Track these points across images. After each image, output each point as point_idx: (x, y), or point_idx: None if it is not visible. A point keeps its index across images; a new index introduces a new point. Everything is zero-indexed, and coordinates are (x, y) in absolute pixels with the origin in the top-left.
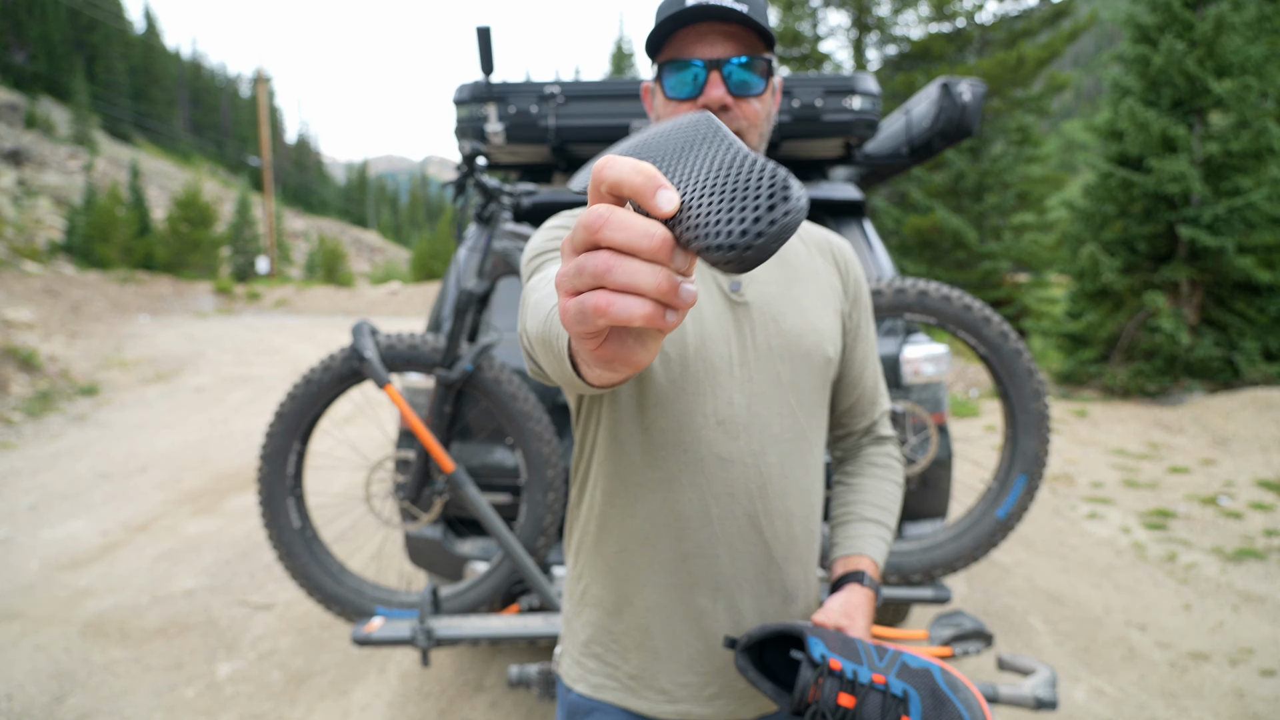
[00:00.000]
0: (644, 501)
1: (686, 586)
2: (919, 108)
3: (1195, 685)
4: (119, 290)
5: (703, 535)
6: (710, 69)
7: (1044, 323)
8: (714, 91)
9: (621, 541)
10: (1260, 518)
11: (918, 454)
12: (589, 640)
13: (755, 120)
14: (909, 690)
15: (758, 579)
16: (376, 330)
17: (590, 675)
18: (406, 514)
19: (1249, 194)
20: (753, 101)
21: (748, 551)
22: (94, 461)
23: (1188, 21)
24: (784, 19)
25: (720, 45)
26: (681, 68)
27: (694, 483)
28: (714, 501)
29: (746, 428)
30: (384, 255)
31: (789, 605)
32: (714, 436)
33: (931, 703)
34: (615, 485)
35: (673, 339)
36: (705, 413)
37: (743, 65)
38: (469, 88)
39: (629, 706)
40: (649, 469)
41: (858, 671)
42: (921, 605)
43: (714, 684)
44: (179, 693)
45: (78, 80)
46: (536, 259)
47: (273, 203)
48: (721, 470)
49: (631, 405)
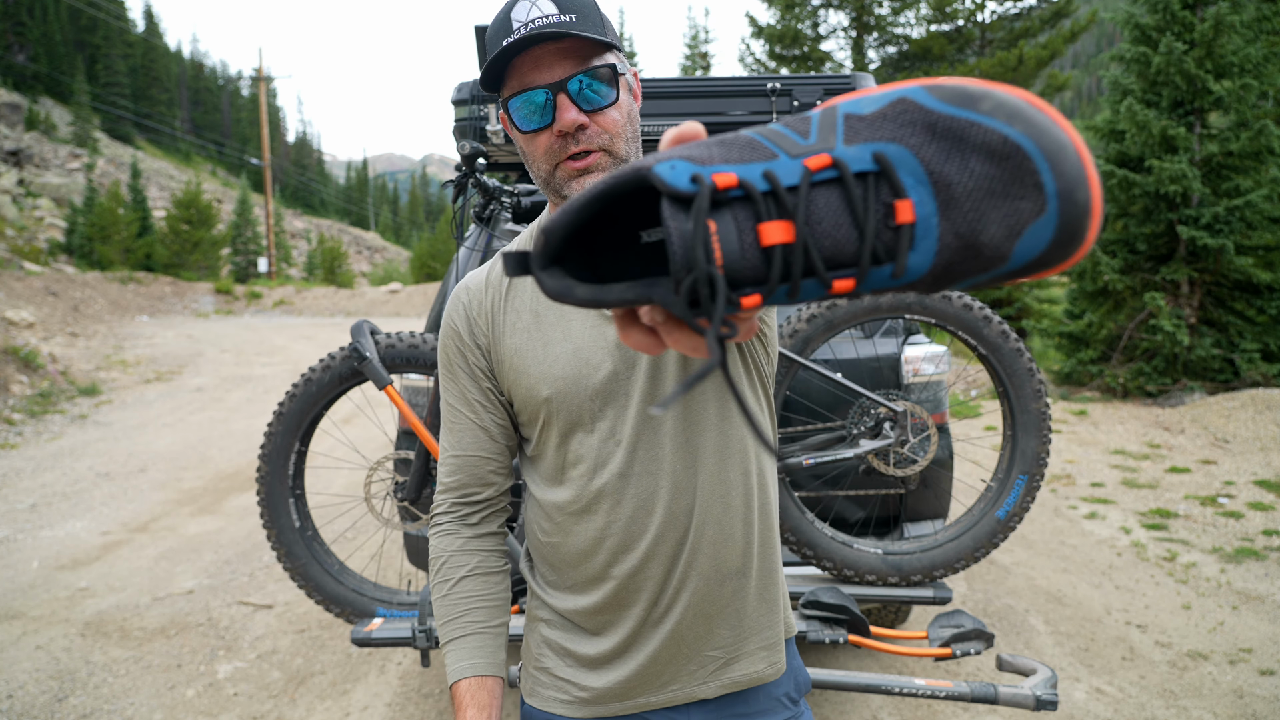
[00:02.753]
0: (576, 527)
1: (624, 602)
2: None
3: (1195, 685)
4: (119, 290)
5: (627, 552)
6: (555, 92)
7: (1044, 323)
8: (566, 115)
9: (561, 562)
10: (1260, 518)
11: (918, 454)
12: (537, 656)
13: (616, 129)
14: (884, 150)
15: (689, 574)
16: (376, 330)
17: (541, 689)
18: (406, 514)
19: (1249, 194)
20: (609, 112)
21: (672, 554)
22: (94, 461)
23: (1187, 22)
24: (784, 19)
25: (558, 66)
26: (527, 99)
27: (608, 506)
28: (631, 518)
29: (645, 441)
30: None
31: (730, 582)
32: (615, 457)
33: (934, 145)
34: (545, 519)
35: (548, 375)
36: (601, 437)
37: (586, 80)
38: (468, 87)
39: (578, 716)
40: (572, 501)
41: (773, 171)
42: (921, 605)
43: (665, 673)
44: (179, 693)
45: (78, 80)
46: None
47: (273, 203)
48: (631, 487)
49: (535, 451)
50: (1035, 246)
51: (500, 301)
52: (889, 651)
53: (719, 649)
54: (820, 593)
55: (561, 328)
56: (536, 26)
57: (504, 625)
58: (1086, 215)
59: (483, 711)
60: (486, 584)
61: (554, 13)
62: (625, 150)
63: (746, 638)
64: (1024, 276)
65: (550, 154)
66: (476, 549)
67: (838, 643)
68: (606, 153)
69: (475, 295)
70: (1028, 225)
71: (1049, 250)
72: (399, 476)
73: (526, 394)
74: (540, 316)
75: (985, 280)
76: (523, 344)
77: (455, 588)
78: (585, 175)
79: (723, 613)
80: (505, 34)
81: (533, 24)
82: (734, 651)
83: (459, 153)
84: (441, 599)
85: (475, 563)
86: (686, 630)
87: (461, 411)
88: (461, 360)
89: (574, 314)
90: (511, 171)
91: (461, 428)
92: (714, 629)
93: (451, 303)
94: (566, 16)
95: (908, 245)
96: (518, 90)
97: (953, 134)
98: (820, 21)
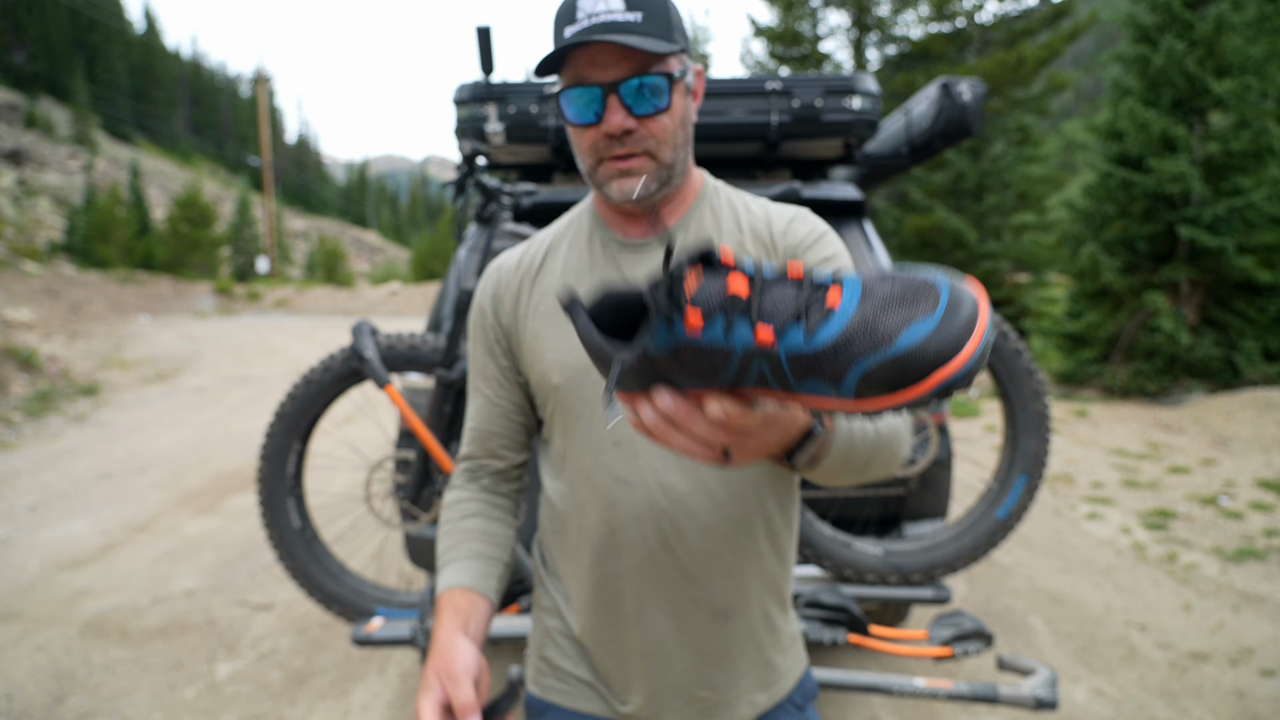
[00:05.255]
0: (570, 525)
1: (609, 610)
2: (919, 108)
3: (1195, 685)
4: (119, 290)
5: (614, 559)
6: (607, 93)
7: (1044, 323)
8: (614, 118)
9: (558, 559)
10: (1260, 518)
11: (918, 454)
12: (541, 643)
13: (664, 135)
14: (842, 274)
15: (679, 599)
16: (376, 330)
17: (542, 678)
18: (406, 514)
19: (1249, 194)
20: (659, 118)
21: (660, 573)
22: (94, 461)
23: (1188, 21)
24: (784, 19)
25: (614, 66)
26: (579, 94)
27: (599, 507)
28: (620, 526)
29: (646, 447)
30: (384, 255)
31: (724, 623)
32: (612, 459)
33: (877, 277)
34: (550, 508)
35: (561, 364)
36: (602, 435)
37: (640, 85)
38: (469, 88)
39: (576, 708)
40: (569, 495)
41: (761, 266)
42: (921, 605)
43: (651, 704)
44: (179, 693)
45: (78, 80)
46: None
47: (273, 203)
48: (624, 492)
49: (546, 435)
50: (916, 335)
51: (528, 284)
52: (889, 651)
53: (709, 689)
54: (820, 593)
55: None
56: (600, 21)
57: (500, 562)
58: (969, 319)
59: (459, 615)
60: (488, 525)
61: (620, 9)
62: (671, 156)
63: (739, 679)
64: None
65: (595, 150)
66: (484, 500)
67: (838, 643)
68: (651, 157)
69: (505, 275)
70: (916, 320)
71: (926, 340)
72: (399, 476)
73: (540, 379)
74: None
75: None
76: (544, 328)
77: (458, 524)
78: (626, 177)
79: (716, 651)
80: (568, 21)
81: (596, 18)
82: (726, 695)
83: (459, 153)
84: (444, 535)
85: (480, 509)
86: (673, 660)
87: (479, 387)
88: (484, 337)
89: None
90: (511, 171)
91: (478, 402)
92: (705, 668)
93: (483, 280)
94: (632, 15)
95: (823, 319)
96: (572, 83)
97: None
98: (820, 21)
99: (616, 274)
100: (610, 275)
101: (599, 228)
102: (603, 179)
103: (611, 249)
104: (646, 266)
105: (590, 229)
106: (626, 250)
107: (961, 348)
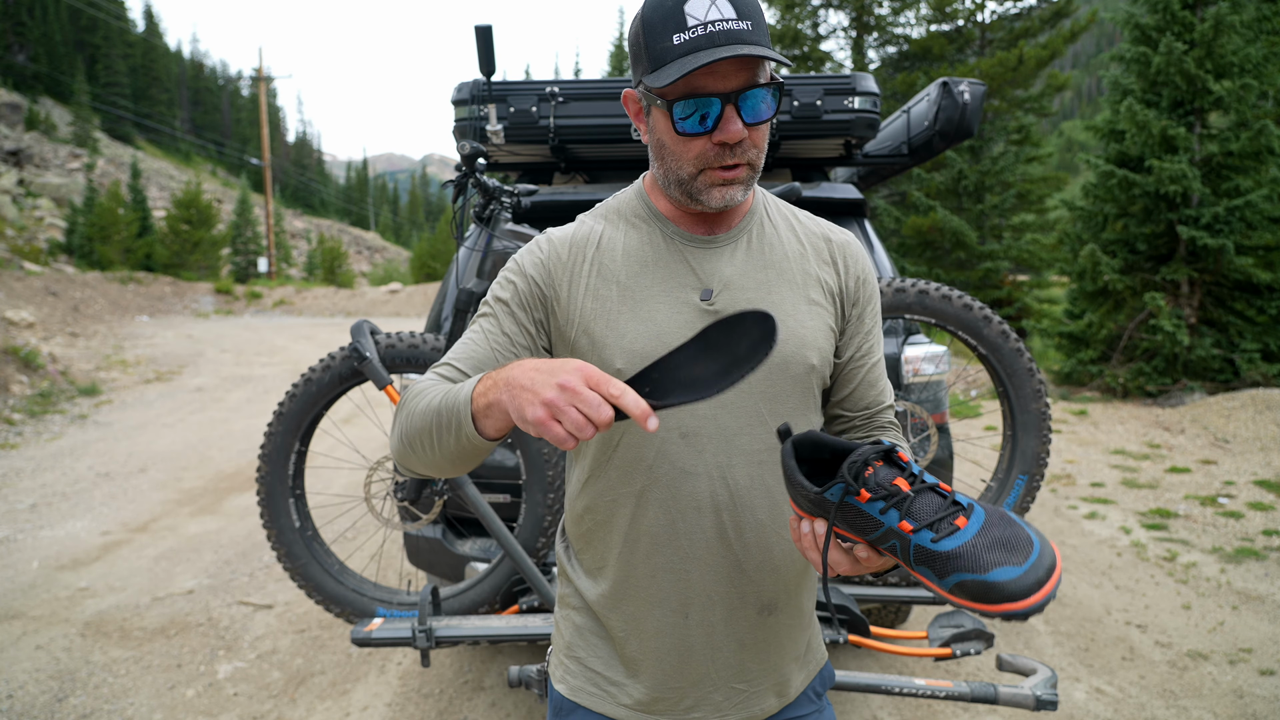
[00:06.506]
0: (617, 516)
1: (657, 601)
2: (919, 108)
3: (1195, 685)
4: (119, 290)
5: (670, 550)
6: (726, 103)
7: (1044, 323)
8: (732, 128)
9: (598, 552)
10: (1260, 518)
11: (918, 454)
12: (570, 643)
13: (762, 144)
14: (974, 504)
15: (730, 592)
16: (376, 330)
17: (570, 677)
18: (406, 514)
19: (1248, 194)
20: (762, 127)
21: (716, 565)
22: (94, 461)
23: (1187, 22)
24: (784, 19)
25: (733, 76)
26: (697, 104)
27: (660, 498)
28: (680, 516)
29: (712, 440)
30: (384, 255)
31: (767, 617)
32: (677, 450)
33: (998, 517)
34: (592, 499)
35: (629, 350)
36: (668, 426)
37: (758, 94)
38: (468, 87)
39: (604, 712)
40: (620, 484)
41: (925, 474)
42: (921, 605)
43: (690, 696)
44: (179, 693)
45: (78, 80)
46: (482, 308)
47: (273, 203)
48: (687, 484)
49: None
50: (1005, 575)
51: (583, 265)
52: (889, 651)
53: (745, 681)
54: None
55: (648, 308)
56: (719, 30)
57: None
58: (1044, 578)
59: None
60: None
61: (733, 17)
62: (761, 163)
63: (771, 671)
64: (993, 603)
65: (701, 159)
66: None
67: (838, 643)
68: (750, 166)
69: (558, 249)
70: (1008, 564)
71: (1010, 581)
72: (399, 476)
73: (598, 361)
74: (628, 292)
75: (971, 580)
76: (601, 310)
77: (440, 384)
78: (728, 186)
79: (757, 643)
80: (678, 29)
81: (712, 26)
82: (759, 685)
83: (459, 153)
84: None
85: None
86: (717, 653)
87: (487, 330)
88: (517, 298)
89: (661, 299)
90: (511, 171)
91: (474, 348)
92: (745, 660)
93: (530, 247)
94: (744, 24)
95: (949, 534)
96: (687, 93)
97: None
98: (820, 21)
99: (684, 267)
100: (678, 268)
101: (659, 219)
102: (701, 187)
103: (677, 243)
104: (715, 263)
105: (648, 219)
106: (693, 246)
107: (1031, 595)
